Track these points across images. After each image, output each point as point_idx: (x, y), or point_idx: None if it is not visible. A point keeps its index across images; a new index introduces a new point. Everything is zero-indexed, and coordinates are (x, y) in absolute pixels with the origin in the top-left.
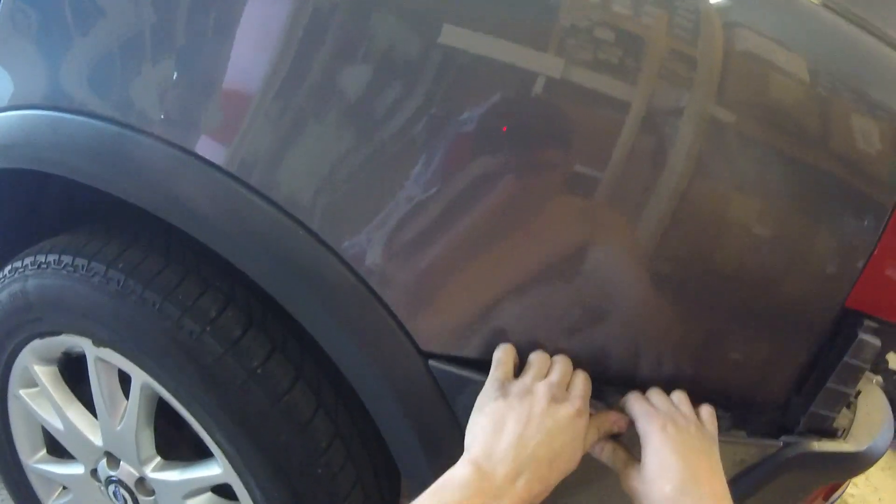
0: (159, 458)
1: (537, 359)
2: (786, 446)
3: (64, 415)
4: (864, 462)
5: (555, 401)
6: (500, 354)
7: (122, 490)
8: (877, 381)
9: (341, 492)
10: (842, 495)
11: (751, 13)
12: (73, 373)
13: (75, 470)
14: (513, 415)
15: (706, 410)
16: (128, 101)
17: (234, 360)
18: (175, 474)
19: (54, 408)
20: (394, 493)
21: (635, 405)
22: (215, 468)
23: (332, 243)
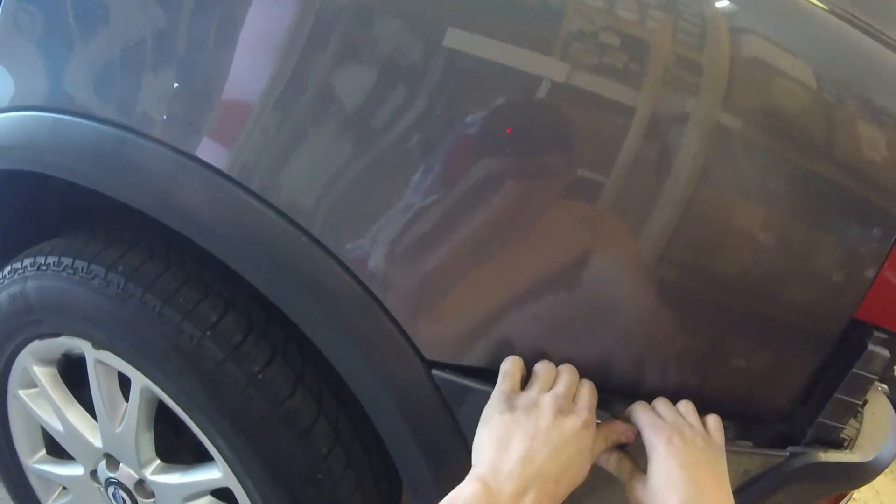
0: (159, 461)
1: (543, 370)
2: (792, 457)
3: (63, 416)
4: (871, 472)
5: (561, 413)
6: (507, 367)
7: (121, 492)
8: (883, 389)
9: (342, 497)
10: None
11: (757, 19)
12: (73, 374)
13: (75, 471)
14: (519, 429)
15: (713, 421)
16: (129, 104)
17: (235, 366)
18: (175, 477)
19: (54, 409)
20: (394, 499)
21: (641, 416)
22: (215, 472)
23: (334, 248)
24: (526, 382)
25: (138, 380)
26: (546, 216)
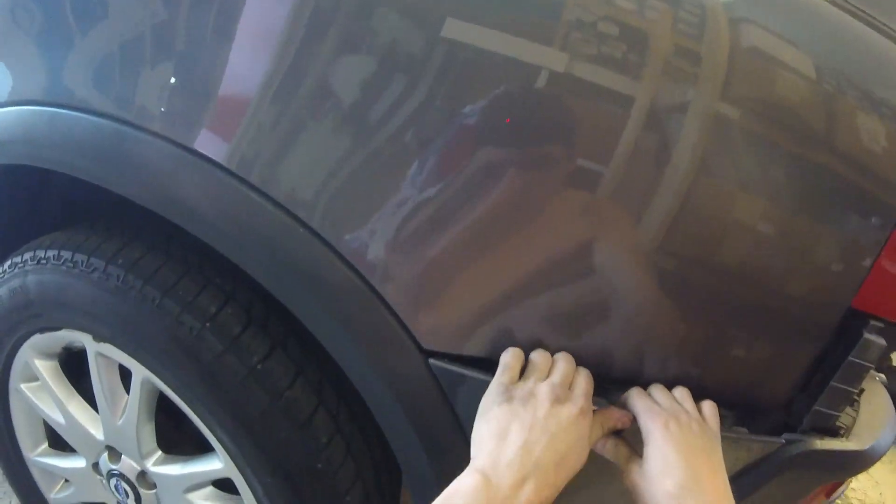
0: (160, 452)
1: (539, 359)
2: (788, 444)
3: (65, 409)
4: (867, 461)
5: (557, 402)
6: (507, 359)
7: (123, 484)
8: (881, 378)
9: (342, 487)
10: (844, 492)
11: (756, 9)
12: (75, 367)
13: (77, 463)
14: (517, 420)
15: (708, 407)
16: (127, 98)
17: (234, 357)
18: (176, 468)
19: (55, 402)
20: (394, 488)
21: (638, 402)
22: (216, 463)
23: (332, 240)
24: (523, 372)
25: (139, 372)
26: (545, 206)
